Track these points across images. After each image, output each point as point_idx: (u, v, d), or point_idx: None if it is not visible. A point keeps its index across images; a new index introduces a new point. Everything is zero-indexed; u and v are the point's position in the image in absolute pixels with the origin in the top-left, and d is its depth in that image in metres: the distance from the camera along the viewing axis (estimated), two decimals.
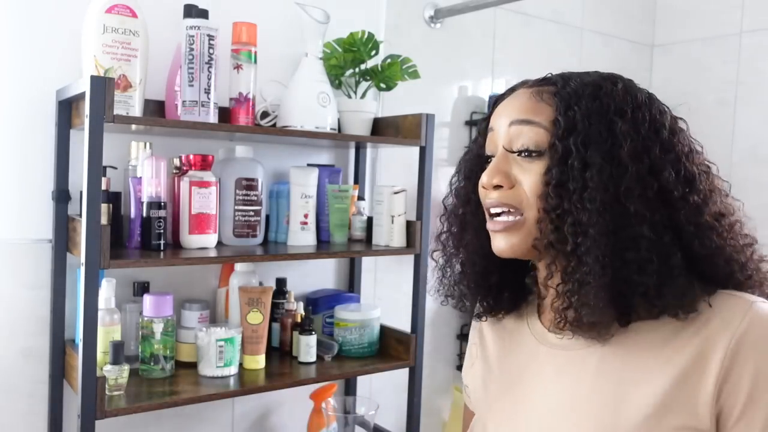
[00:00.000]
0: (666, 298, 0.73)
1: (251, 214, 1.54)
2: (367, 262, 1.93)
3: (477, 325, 1.00)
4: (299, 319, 1.66)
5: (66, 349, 1.45)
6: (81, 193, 1.26)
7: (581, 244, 0.73)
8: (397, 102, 1.94)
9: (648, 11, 2.63)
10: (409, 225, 1.67)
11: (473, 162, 0.89)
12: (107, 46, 1.33)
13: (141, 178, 1.40)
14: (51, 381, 1.48)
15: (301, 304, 1.70)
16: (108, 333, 1.36)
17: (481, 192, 0.83)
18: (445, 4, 2.03)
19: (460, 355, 2.17)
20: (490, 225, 0.82)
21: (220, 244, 1.51)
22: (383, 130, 1.73)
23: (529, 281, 0.92)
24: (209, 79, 1.40)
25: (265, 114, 1.63)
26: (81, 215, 1.25)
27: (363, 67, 1.76)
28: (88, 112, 1.21)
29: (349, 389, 1.89)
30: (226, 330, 1.48)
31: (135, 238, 1.40)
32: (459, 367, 2.16)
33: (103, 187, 1.29)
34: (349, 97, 1.76)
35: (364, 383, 1.94)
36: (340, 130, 1.69)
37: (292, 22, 1.65)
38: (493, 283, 0.89)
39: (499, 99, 0.86)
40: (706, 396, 0.71)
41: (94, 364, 1.25)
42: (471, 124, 2.13)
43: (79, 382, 1.25)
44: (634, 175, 0.72)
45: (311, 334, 1.61)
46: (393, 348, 1.72)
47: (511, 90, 0.85)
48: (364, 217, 1.76)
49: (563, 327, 0.79)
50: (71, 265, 1.47)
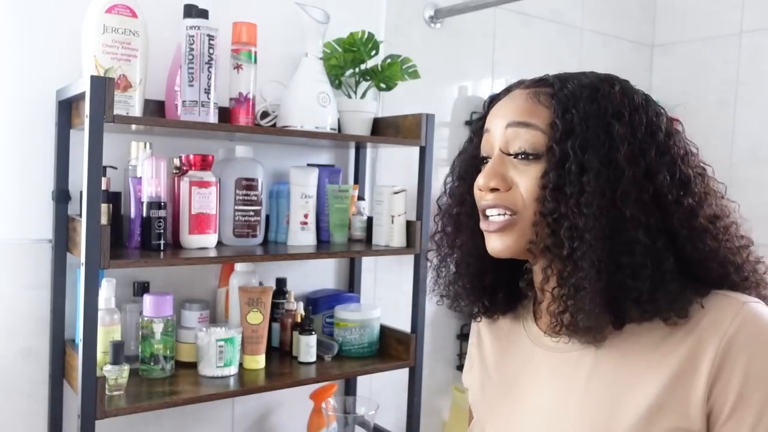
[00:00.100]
0: (658, 303, 0.73)
1: (251, 214, 1.54)
2: (367, 262, 1.93)
3: (476, 327, 1.00)
4: (299, 319, 1.66)
5: (66, 349, 1.45)
6: (81, 193, 1.26)
7: (577, 248, 0.72)
8: (397, 102, 1.94)
9: (648, 11, 2.63)
10: (409, 225, 1.67)
11: (468, 162, 0.88)
12: (107, 46, 1.34)
13: (141, 178, 1.40)
14: (51, 381, 1.48)
15: (301, 304, 1.70)
16: (108, 333, 1.36)
17: (476, 193, 0.82)
18: (445, 4, 2.03)
19: (460, 355, 2.17)
20: (484, 225, 0.81)
21: (220, 244, 1.51)
22: (383, 130, 1.73)
23: (523, 284, 0.91)
24: (209, 79, 1.40)
25: (265, 114, 1.63)
26: (81, 215, 1.25)
27: (363, 67, 1.76)
28: (88, 112, 1.21)
29: (349, 389, 1.89)
30: (226, 330, 1.48)
31: (135, 238, 1.40)
32: (459, 367, 2.16)
33: (103, 187, 1.29)
34: (349, 97, 1.76)
35: (364, 383, 1.94)
36: (340, 130, 1.69)
37: (292, 22, 1.65)
38: (487, 284, 0.89)
39: (494, 99, 0.85)
40: (697, 397, 0.71)
41: (94, 364, 1.25)
42: (471, 124, 2.13)
43: (79, 382, 1.25)
44: (630, 179, 0.72)
45: (311, 334, 1.61)
46: (393, 348, 1.72)
47: (507, 90, 0.84)
48: (364, 217, 1.76)
49: (559, 331, 0.78)
50: (71, 265, 1.47)
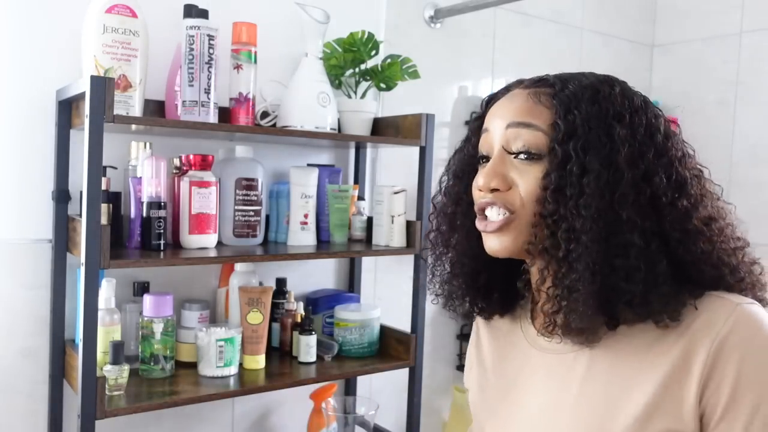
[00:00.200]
0: (650, 306, 0.72)
1: (251, 214, 1.54)
2: (367, 262, 1.93)
3: (475, 328, 0.99)
4: (299, 319, 1.66)
5: (66, 349, 1.45)
6: (81, 193, 1.26)
7: (573, 250, 0.72)
8: (397, 102, 1.94)
9: (648, 11, 2.63)
10: (409, 225, 1.67)
11: (465, 161, 0.88)
12: (107, 46, 1.34)
13: (141, 178, 1.40)
14: (51, 381, 1.48)
15: (301, 304, 1.69)
16: (108, 333, 1.36)
17: (475, 193, 0.82)
18: (445, 4, 2.03)
19: (460, 355, 2.17)
20: (480, 225, 0.81)
21: (220, 244, 1.51)
22: (383, 130, 1.73)
23: (520, 285, 0.91)
24: (209, 79, 1.40)
25: (265, 114, 1.63)
26: (81, 215, 1.25)
27: (363, 67, 1.76)
28: (88, 112, 1.21)
29: (349, 389, 1.89)
30: (226, 330, 1.48)
31: (135, 238, 1.40)
32: (459, 367, 2.16)
33: (103, 187, 1.29)
34: (349, 97, 1.76)
35: (364, 383, 1.94)
36: (340, 130, 1.69)
37: (292, 22, 1.65)
38: (481, 284, 0.88)
39: (493, 98, 0.84)
40: (690, 398, 0.70)
41: (94, 364, 1.25)
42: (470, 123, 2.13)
43: (79, 382, 1.25)
44: (629, 181, 0.72)
45: (311, 334, 1.61)
46: (393, 348, 1.72)
47: (506, 89, 0.83)
48: (364, 217, 1.76)
49: (552, 331, 0.78)
50: (71, 265, 1.47)
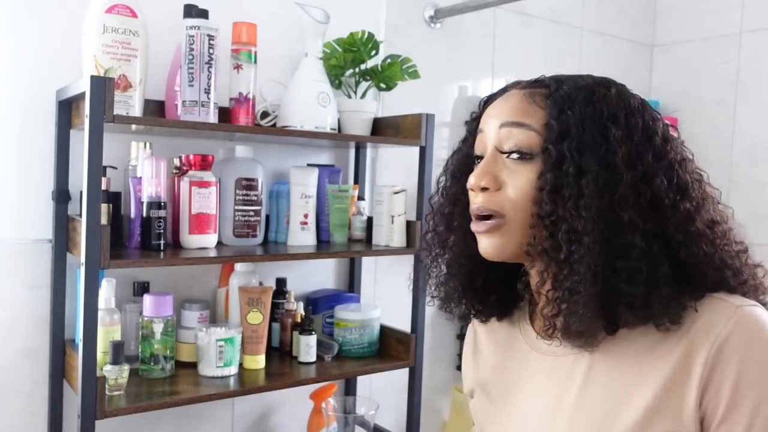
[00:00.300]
0: (652, 309, 0.72)
1: (251, 214, 1.54)
2: (367, 262, 1.93)
3: (471, 331, 0.99)
4: (299, 319, 1.66)
5: (66, 349, 1.45)
6: (81, 193, 1.26)
7: (575, 251, 0.72)
8: (397, 102, 1.94)
9: (648, 11, 2.63)
10: (409, 225, 1.67)
11: (462, 162, 0.88)
12: (107, 46, 1.34)
13: (141, 178, 1.40)
14: (51, 381, 1.48)
15: (301, 304, 1.69)
16: (108, 333, 1.36)
17: (469, 193, 0.82)
18: (445, 4, 2.03)
19: (460, 355, 2.17)
20: (474, 226, 0.81)
21: (220, 244, 1.51)
22: (383, 130, 1.73)
23: (520, 286, 0.90)
24: (209, 79, 1.40)
25: (265, 114, 1.63)
26: (81, 215, 1.25)
27: (363, 67, 1.76)
28: (88, 112, 1.21)
29: (349, 389, 1.89)
30: (226, 330, 1.48)
31: (135, 238, 1.40)
32: (459, 367, 2.16)
33: (103, 187, 1.29)
34: (349, 97, 1.76)
35: (364, 383, 1.94)
36: (340, 130, 1.69)
37: (292, 22, 1.65)
38: (479, 285, 0.88)
39: (489, 99, 0.84)
40: (690, 402, 0.70)
41: (94, 364, 1.25)
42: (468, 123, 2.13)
43: (79, 382, 1.25)
44: (628, 182, 0.71)
45: (311, 334, 1.61)
46: (393, 348, 1.72)
47: (503, 90, 0.83)
48: (364, 217, 1.76)
49: (552, 334, 0.78)
50: (71, 265, 1.47)
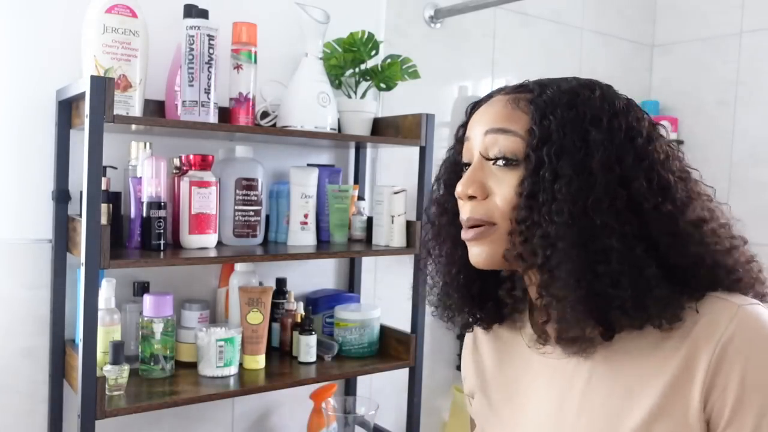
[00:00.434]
0: (647, 311, 0.71)
1: (251, 214, 1.54)
2: (367, 262, 1.93)
3: (471, 334, 0.99)
4: (299, 319, 1.66)
5: (66, 349, 1.45)
6: (81, 193, 1.26)
7: (551, 257, 0.71)
8: (397, 102, 1.94)
9: (648, 11, 2.63)
10: (409, 225, 1.67)
11: (450, 170, 0.87)
12: (107, 46, 1.34)
13: (141, 178, 1.40)
14: (51, 381, 1.48)
15: (301, 304, 1.70)
16: (108, 333, 1.36)
17: (458, 201, 0.81)
18: (445, 4, 2.03)
19: (460, 354, 2.17)
20: (463, 234, 0.80)
21: (220, 244, 1.51)
22: (383, 130, 1.73)
23: (517, 293, 0.89)
24: (209, 79, 1.40)
25: (265, 114, 1.63)
26: (81, 215, 1.25)
27: (363, 67, 1.76)
28: (88, 112, 1.21)
29: (349, 389, 1.89)
30: (226, 330, 1.48)
31: (135, 238, 1.40)
32: (459, 367, 2.16)
33: (103, 187, 1.29)
34: (349, 97, 1.76)
35: (364, 383, 1.94)
36: (340, 130, 1.69)
37: (292, 22, 1.65)
38: (475, 293, 0.88)
39: (475, 105, 0.84)
40: (695, 404, 0.70)
41: (94, 364, 1.25)
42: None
43: (79, 382, 1.25)
44: (603, 186, 0.71)
45: (311, 334, 1.61)
46: (393, 348, 1.72)
47: (488, 97, 0.82)
48: (364, 217, 1.76)
49: (544, 340, 0.78)
50: (71, 265, 1.47)
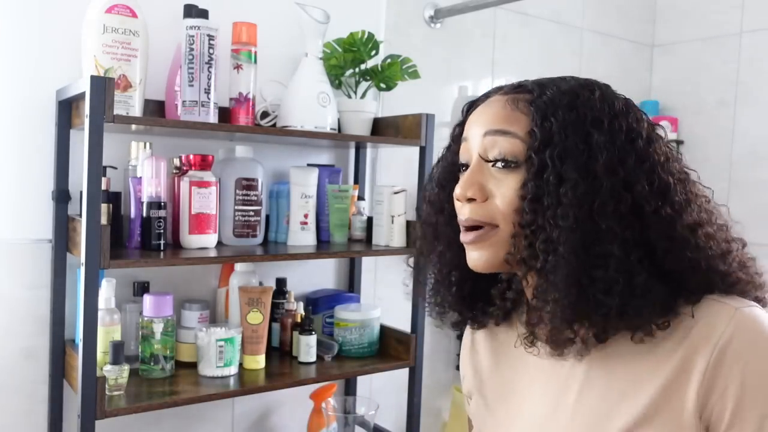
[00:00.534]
0: (631, 319, 0.71)
1: (251, 214, 1.54)
2: (367, 262, 1.93)
3: (468, 335, 0.99)
4: (299, 319, 1.66)
5: (66, 349, 1.45)
6: (81, 193, 1.26)
7: (551, 261, 0.71)
8: (397, 102, 1.94)
9: (648, 11, 2.63)
10: (409, 225, 1.67)
11: (447, 170, 0.86)
12: (107, 46, 1.34)
13: (141, 178, 1.40)
14: (51, 381, 1.48)
15: (301, 304, 1.69)
16: (108, 333, 1.36)
17: (456, 203, 0.80)
18: (445, 4, 2.03)
19: (459, 354, 2.17)
20: (462, 237, 0.79)
21: (220, 244, 1.51)
22: (383, 130, 1.73)
23: (511, 295, 0.86)
24: (209, 79, 1.40)
25: (265, 114, 1.63)
26: (81, 215, 1.25)
27: (363, 67, 1.76)
28: (88, 112, 1.21)
29: (349, 389, 1.89)
30: (226, 330, 1.48)
31: (135, 238, 1.40)
32: (459, 367, 2.16)
33: (103, 187, 1.29)
34: (349, 97, 1.76)
35: (364, 383, 1.94)
36: (340, 130, 1.69)
37: (292, 22, 1.65)
38: (466, 294, 0.87)
39: (472, 105, 0.83)
40: (689, 407, 0.69)
41: (94, 364, 1.25)
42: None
43: (79, 382, 1.25)
44: (608, 189, 0.70)
45: (311, 334, 1.61)
46: (393, 348, 1.72)
47: (486, 96, 0.81)
48: (364, 217, 1.76)
49: (532, 342, 0.78)
50: (71, 265, 1.47)
